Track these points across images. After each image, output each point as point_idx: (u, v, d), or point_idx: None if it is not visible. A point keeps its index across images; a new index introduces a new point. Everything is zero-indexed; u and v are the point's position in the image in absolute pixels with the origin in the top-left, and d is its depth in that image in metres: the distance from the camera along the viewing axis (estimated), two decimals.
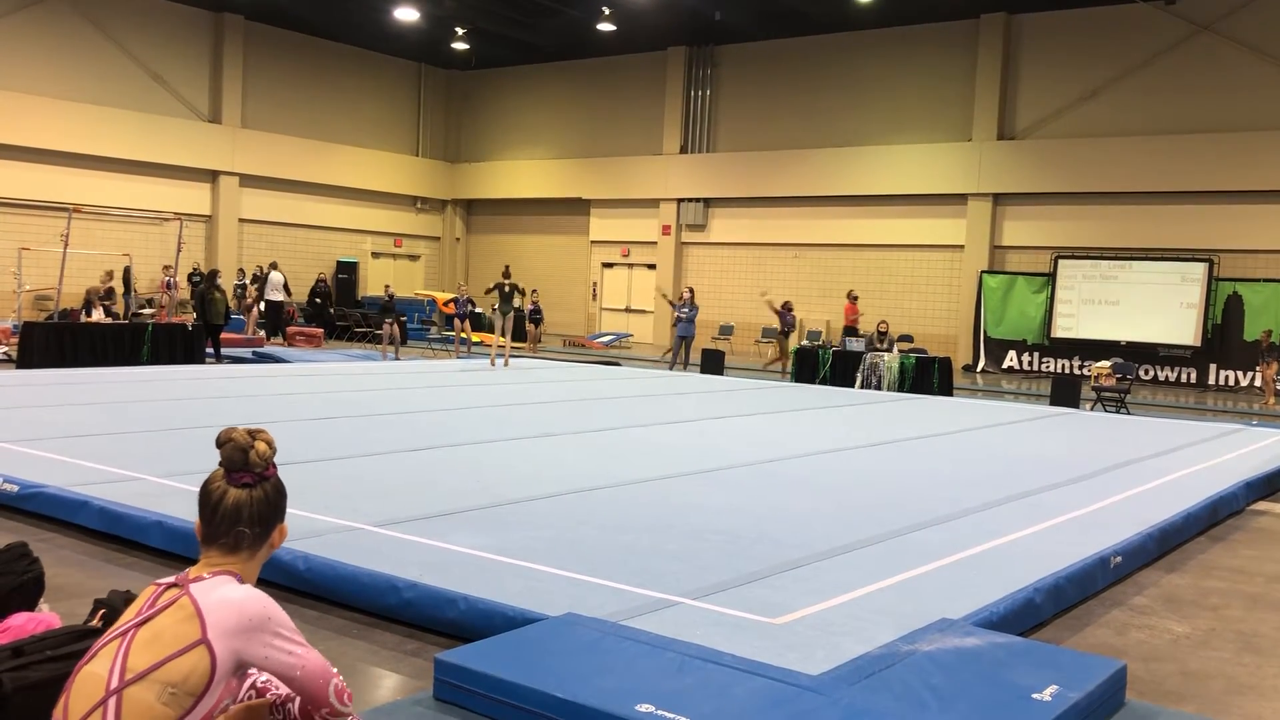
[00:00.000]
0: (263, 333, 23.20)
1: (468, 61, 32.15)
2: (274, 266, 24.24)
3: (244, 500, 2.39)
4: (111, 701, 2.19)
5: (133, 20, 26.31)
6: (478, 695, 3.59)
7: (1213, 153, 21.81)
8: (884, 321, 19.55)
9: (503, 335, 18.64)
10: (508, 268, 20.98)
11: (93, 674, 2.25)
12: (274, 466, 2.46)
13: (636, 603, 4.59)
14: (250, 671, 2.42)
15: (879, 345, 18.30)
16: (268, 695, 2.46)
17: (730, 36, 27.85)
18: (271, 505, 2.43)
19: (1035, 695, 3.54)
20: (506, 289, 18.60)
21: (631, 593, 4.74)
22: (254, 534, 2.40)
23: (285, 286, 23.98)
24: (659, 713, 3.26)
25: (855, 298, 23.57)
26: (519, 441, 9.32)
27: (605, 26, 26.34)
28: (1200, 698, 4.25)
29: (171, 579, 2.37)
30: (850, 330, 21.54)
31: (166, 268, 21.46)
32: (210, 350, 17.73)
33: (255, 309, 24.01)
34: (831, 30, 26.29)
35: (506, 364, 18.47)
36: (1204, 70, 22.21)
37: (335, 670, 2.40)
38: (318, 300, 27.60)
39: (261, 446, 2.43)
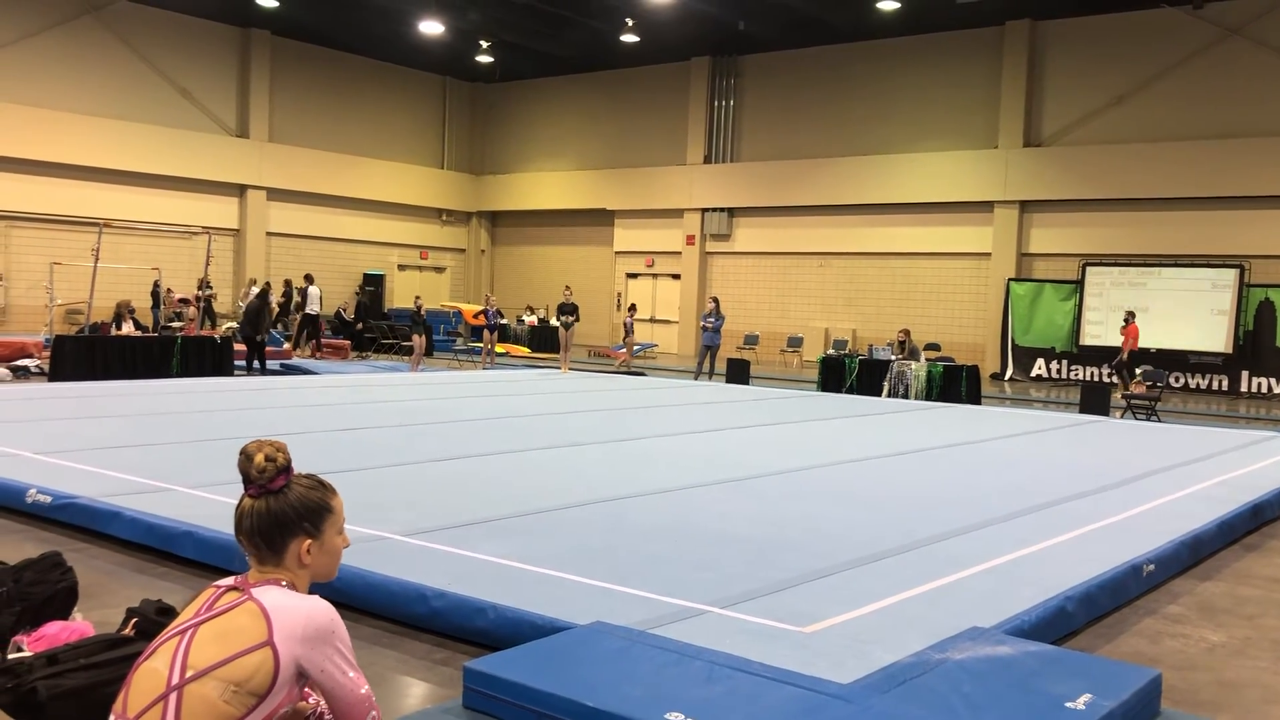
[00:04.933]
0: (288, 345, 23.33)
1: (492, 74, 32.32)
2: (310, 280, 24.34)
3: (246, 511, 2.40)
4: (172, 697, 2.20)
5: (161, 36, 26.62)
6: (507, 703, 3.59)
7: (1243, 158, 21.60)
8: (904, 330, 19.42)
9: (565, 347, 21.54)
10: (568, 288, 22.52)
11: (152, 670, 2.27)
12: (284, 479, 2.40)
13: (664, 611, 4.58)
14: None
15: (900, 355, 18.19)
16: (309, 699, 2.47)
17: (754, 46, 27.85)
18: (274, 520, 2.38)
19: (1069, 704, 3.50)
20: (567, 306, 21.50)
21: (659, 601, 4.73)
22: (253, 545, 2.39)
23: (321, 299, 24.13)
24: None
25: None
26: (546, 451, 9.33)
27: (629, 38, 26.42)
28: (1237, 707, 4.19)
29: (231, 581, 2.40)
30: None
31: (201, 281, 21.71)
32: (243, 363, 17.91)
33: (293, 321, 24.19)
34: (855, 39, 26.24)
35: (566, 370, 20.59)
36: (1233, 74, 22.01)
37: (375, 703, 2.40)
38: (344, 313, 27.81)
39: (259, 459, 2.39)
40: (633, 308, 24.08)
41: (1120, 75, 23.28)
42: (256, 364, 18.06)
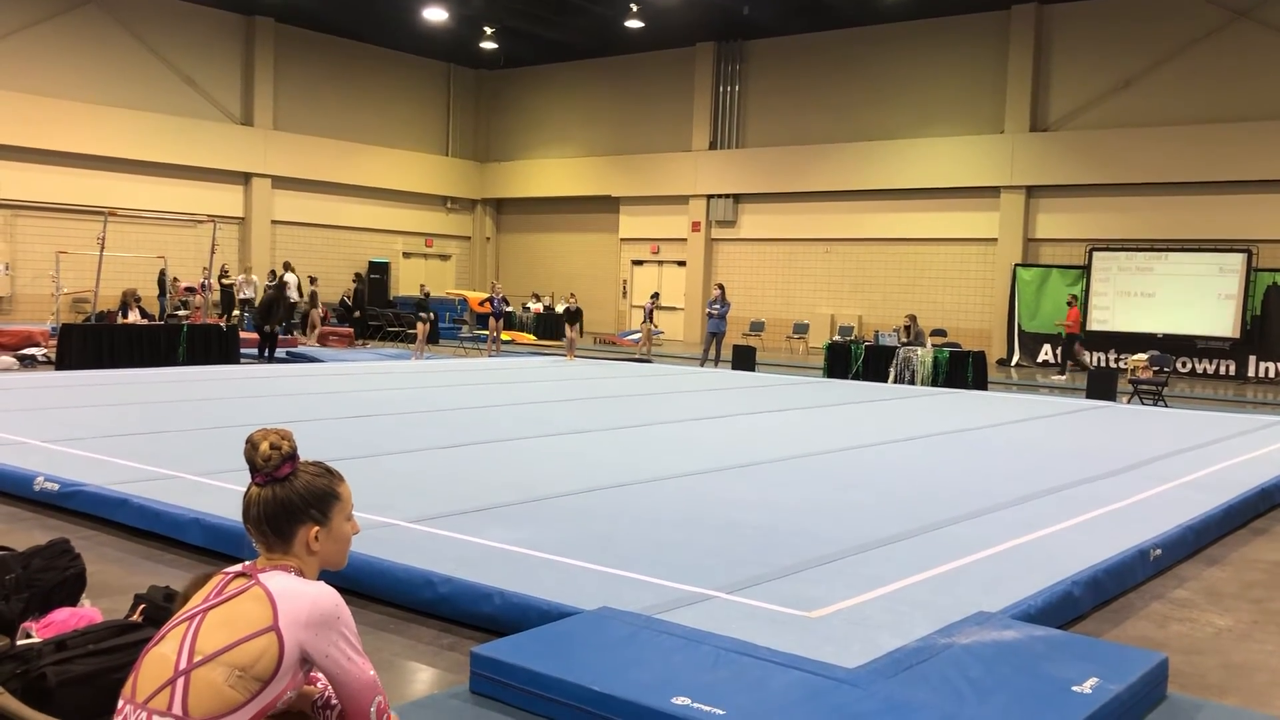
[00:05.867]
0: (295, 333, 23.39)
1: (496, 61, 32.24)
2: (288, 267, 24.31)
3: (252, 499, 2.40)
4: (180, 682, 2.21)
5: (165, 24, 26.58)
6: (513, 688, 3.60)
7: (1250, 141, 21.51)
8: (910, 316, 19.38)
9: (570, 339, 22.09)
10: (573, 294, 23.08)
11: (161, 655, 2.28)
12: (290, 467, 2.40)
13: (671, 596, 4.59)
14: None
15: (906, 340, 18.16)
16: (317, 684, 2.48)
17: (758, 31, 27.76)
18: (281, 508, 2.38)
19: (1075, 687, 3.50)
20: (573, 308, 22.30)
21: (666, 586, 4.74)
22: (261, 533, 2.40)
23: (299, 287, 24.05)
24: (695, 705, 3.25)
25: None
26: (552, 438, 9.34)
27: (633, 23, 26.33)
28: (1243, 690, 4.19)
29: (239, 568, 2.40)
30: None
31: (206, 269, 21.71)
32: (253, 351, 17.93)
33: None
34: (860, 24, 26.14)
35: (572, 358, 20.69)
36: (1240, 57, 21.89)
37: (381, 688, 2.40)
38: (348, 300, 27.84)
39: (265, 448, 2.39)
40: (655, 295, 23.99)
41: (1127, 59, 23.16)
42: (266, 353, 18.06)
